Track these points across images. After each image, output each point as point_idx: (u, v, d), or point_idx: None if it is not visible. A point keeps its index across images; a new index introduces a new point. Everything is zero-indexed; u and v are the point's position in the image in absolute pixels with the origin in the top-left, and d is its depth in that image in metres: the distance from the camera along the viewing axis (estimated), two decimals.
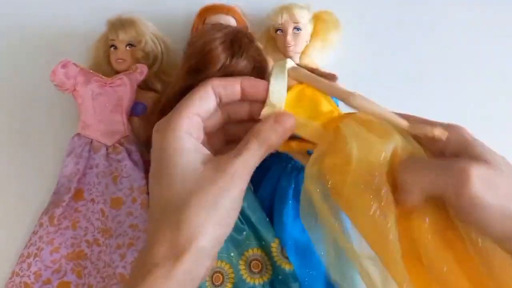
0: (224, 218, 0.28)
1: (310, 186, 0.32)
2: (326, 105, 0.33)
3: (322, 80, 0.32)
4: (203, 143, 0.30)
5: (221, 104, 0.31)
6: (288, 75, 0.32)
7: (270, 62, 0.38)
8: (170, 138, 0.28)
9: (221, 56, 0.31)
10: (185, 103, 0.29)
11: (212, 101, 0.30)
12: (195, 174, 0.28)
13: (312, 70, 0.42)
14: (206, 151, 0.29)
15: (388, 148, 0.29)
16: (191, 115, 0.29)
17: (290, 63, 0.33)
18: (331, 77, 0.44)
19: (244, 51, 0.32)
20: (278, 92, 0.31)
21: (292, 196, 0.43)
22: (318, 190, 0.32)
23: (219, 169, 0.28)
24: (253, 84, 0.31)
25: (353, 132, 0.30)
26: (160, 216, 0.28)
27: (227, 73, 0.31)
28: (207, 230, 0.27)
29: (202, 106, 0.29)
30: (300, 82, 0.32)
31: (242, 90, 0.31)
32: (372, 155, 0.29)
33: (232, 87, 0.30)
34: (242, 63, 0.32)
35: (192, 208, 0.27)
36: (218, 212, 0.27)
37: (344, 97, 0.31)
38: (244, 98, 0.31)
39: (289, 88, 0.32)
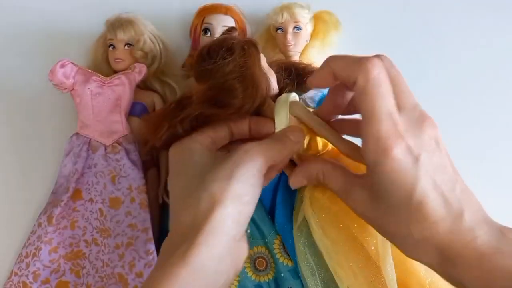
0: (242, 194, 0.28)
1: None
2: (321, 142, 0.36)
3: (320, 122, 0.34)
4: None
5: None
6: (290, 112, 0.34)
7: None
8: (187, 144, 0.32)
9: (241, 101, 0.33)
10: (203, 129, 0.33)
11: (225, 134, 0.34)
12: (211, 158, 0.31)
13: (305, 66, 0.42)
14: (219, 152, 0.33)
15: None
16: (205, 136, 0.33)
17: (293, 97, 0.35)
18: None
19: (260, 90, 0.34)
20: (283, 124, 0.34)
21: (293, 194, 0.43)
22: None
23: (234, 149, 0.30)
24: (258, 122, 0.34)
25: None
26: (180, 200, 0.30)
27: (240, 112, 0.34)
28: (224, 203, 0.27)
29: (216, 134, 0.33)
30: (300, 121, 0.34)
31: (250, 128, 0.34)
32: None
33: (242, 126, 0.34)
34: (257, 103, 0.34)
35: (208, 182, 0.28)
36: (234, 185, 0.28)
37: (337, 145, 0.33)
38: (252, 134, 0.35)
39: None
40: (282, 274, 0.41)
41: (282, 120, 0.34)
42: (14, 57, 0.54)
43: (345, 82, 0.29)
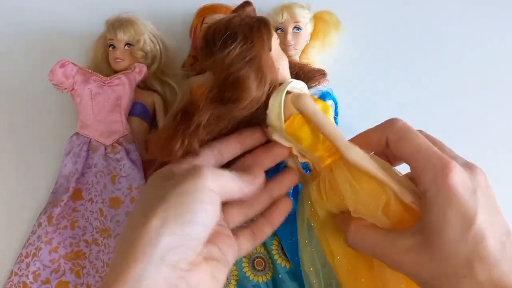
0: (180, 213, 0.25)
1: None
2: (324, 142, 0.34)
3: (325, 118, 0.31)
4: None
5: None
6: (294, 106, 0.32)
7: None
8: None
9: (253, 92, 0.31)
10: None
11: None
12: None
13: (303, 66, 0.42)
14: None
15: (376, 204, 0.30)
16: None
17: (294, 85, 0.33)
18: (321, 73, 0.43)
19: (268, 76, 0.32)
20: (275, 113, 0.32)
21: (292, 195, 0.43)
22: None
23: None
24: (246, 140, 0.33)
25: (346, 180, 0.31)
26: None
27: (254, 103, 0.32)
28: (151, 222, 0.25)
29: None
30: (302, 115, 0.32)
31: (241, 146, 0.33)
32: (361, 206, 0.30)
33: (232, 151, 0.33)
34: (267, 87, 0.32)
35: (144, 203, 0.27)
36: (166, 202, 0.25)
37: (340, 146, 0.31)
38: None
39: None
40: (279, 276, 0.41)
41: (276, 105, 0.32)
42: (14, 57, 0.54)
43: (379, 148, 0.30)
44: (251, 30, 0.32)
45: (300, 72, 0.42)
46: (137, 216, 0.27)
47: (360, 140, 0.31)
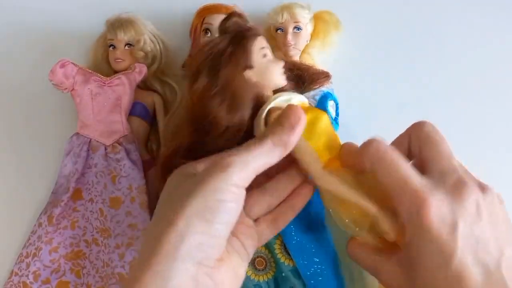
0: (202, 211, 0.25)
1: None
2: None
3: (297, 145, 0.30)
4: None
5: None
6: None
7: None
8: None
9: (224, 122, 0.32)
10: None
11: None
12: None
13: (308, 68, 0.42)
14: None
15: (360, 225, 0.29)
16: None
17: (278, 101, 0.32)
18: (325, 76, 0.43)
19: (244, 99, 0.32)
20: (259, 135, 0.32)
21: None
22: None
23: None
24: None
25: (331, 202, 0.31)
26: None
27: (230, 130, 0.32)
28: (176, 223, 0.25)
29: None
30: None
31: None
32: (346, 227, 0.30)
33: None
34: (246, 112, 0.32)
35: (168, 202, 0.28)
36: (190, 202, 0.25)
37: (313, 174, 0.30)
38: None
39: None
40: (283, 274, 0.41)
41: (259, 135, 0.31)
42: (14, 57, 0.54)
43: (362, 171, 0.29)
44: (220, 58, 0.32)
45: (305, 74, 0.42)
46: (162, 215, 0.27)
47: (349, 163, 0.30)
